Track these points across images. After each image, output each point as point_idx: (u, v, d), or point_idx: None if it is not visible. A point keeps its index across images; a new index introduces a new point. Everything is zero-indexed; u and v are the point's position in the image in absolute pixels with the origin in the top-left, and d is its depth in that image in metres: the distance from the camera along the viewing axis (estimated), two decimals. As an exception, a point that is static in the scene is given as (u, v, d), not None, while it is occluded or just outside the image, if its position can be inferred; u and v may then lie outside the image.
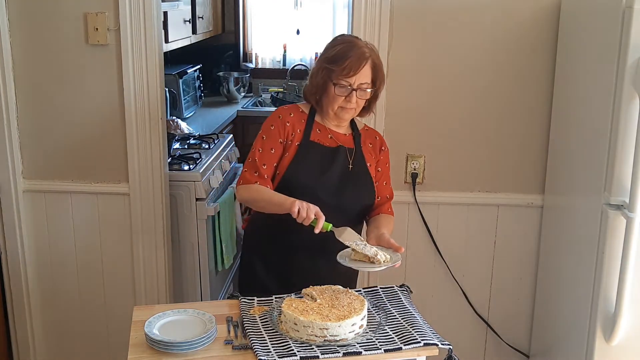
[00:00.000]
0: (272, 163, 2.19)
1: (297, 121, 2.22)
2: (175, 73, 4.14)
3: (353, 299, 1.90)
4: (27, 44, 2.74)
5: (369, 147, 2.30)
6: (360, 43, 2.17)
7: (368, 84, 2.15)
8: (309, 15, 5.29)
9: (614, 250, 2.12)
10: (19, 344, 3.02)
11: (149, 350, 1.77)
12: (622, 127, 2.06)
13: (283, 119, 2.21)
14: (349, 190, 2.19)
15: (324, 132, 2.23)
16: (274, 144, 2.19)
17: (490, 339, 3.00)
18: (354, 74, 2.11)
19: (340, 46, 2.16)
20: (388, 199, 2.32)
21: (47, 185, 2.87)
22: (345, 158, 2.22)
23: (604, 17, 2.22)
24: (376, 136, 2.35)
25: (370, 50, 2.16)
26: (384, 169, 2.33)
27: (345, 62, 2.11)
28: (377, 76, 2.17)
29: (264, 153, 2.19)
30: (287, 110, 2.26)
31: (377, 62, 2.17)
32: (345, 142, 2.25)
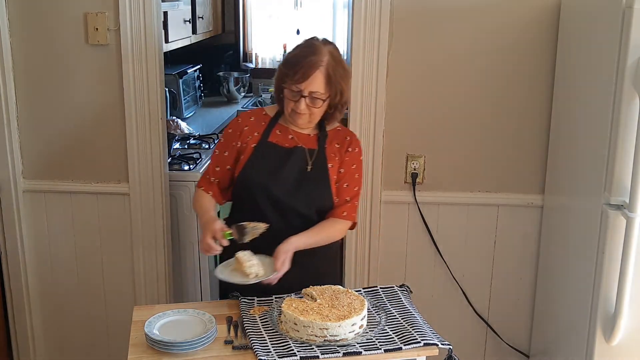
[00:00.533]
0: (225, 165, 2.22)
1: (256, 124, 2.23)
2: (175, 73, 4.13)
3: (353, 299, 1.90)
4: (27, 44, 2.74)
5: (335, 147, 2.23)
6: (322, 50, 2.10)
7: (321, 93, 2.09)
8: (309, 15, 5.29)
9: (614, 250, 2.12)
10: (19, 344, 3.02)
11: (149, 350, 1.77)
12: (622, 127, 2.06)
13: (241, 122, 2.24)
14: (304, 191, 2.16)
15: (285, 132, 2.22)
16: (227, 147, 2.23)
17: (490, 339, 3.00)
18: (303, 81, 2.07)
19: (299, 50, 2.14)
20: (347, 201, 2.22)
21: (47, 185, 2.87)
22: (304, 159, 2.18)
23: (604, 17, 2.22)
24: (347, 137, 2.27)
25: (329, 59, 2.09)
26: (348, 170, 2.23)
27: (296, 67, 2.08)
28: (331, 86, 2.10)
29: (219, 156, 2.24)
30: (249, 114, 2.29)
31: (333, 71, 2.09)
32: (308, 143, 2.21)
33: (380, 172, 2.81)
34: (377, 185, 2.82)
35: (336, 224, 2.21)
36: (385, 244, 2.89)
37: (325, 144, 2.22)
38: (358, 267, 2.91)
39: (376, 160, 2.79)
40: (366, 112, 2.75)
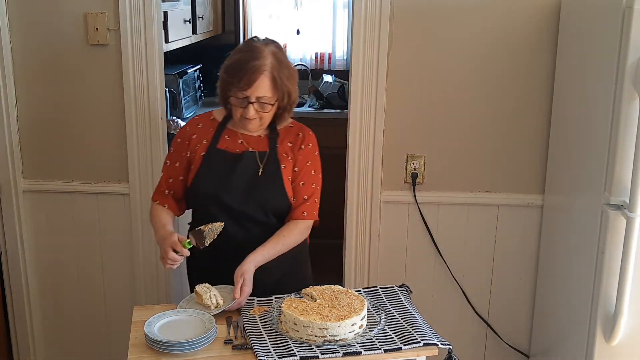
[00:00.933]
0: (178, 176, 2.19)
1: (204, 131, 2.18)
2: (175, 73, 4.13)
3: (353, 299, 1.90)
4: (27, 44, 2.74)
5: (287, 146, 2.18)
6: (264, 52, 2.03)
7: (268, 97, 2.05)
8: (309, 15, 5.29)
9: (614, 250, 2.12)
10: (19, 344, 3.02)
11: (149, 350, 1.77)
12: (622, 127, 2.06)
13: (189, 130, 2.20)
14: (256, 197, 2.11)
15: (234, 137, 2.17)
16: (178, 158, 2.20)
17: (490, 339, 2.99)
18: (248, 88, 2.01)
19: (240, 55, 2.06)
20: (305, 200, 2.18)
21: (47, 185, 2.87)
22: (254, 163, 2.13)
23: (604, 17, 2.22)
24: (299, 133, 2.22)
25: (272, 61, 2.03)
26: (302, 168, 2.18)
27: (240, 74, 2.01)
28: (277, 88, 2.06)
29: (170, 167, 2.21)
30: (196, 121, 2.23)
31: (278, 74, 2.04)
32: (258, 146, 2.16)
33: (380, 172, 2.81)
34: (377, 185, 2.82)
35: (296, 226, 2.17)
36: (385, 244, 2.89)
37: (277, 144, 2.17)
38: (358, 267, 2.91)
39: (376, 160, 2.80)
40: (366, 112, 2.75)
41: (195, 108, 4.53)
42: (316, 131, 2.63)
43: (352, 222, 2.87)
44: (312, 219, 2.21)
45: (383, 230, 2.88)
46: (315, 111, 4.66)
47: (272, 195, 2.14)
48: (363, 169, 2.80)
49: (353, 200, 2.85)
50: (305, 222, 2.19)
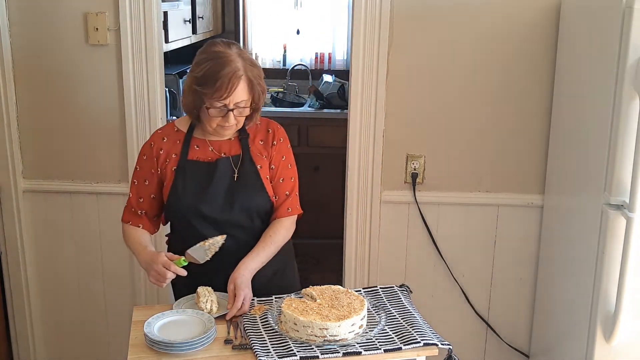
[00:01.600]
0: (149, 194, 2.11)
1: (171, 145, 2.09)
2: (175, 73, 4.13)
3: (353, 299, 1.90)
4: (27, 44, 2.74)
5: (259, 145, 2.13)
6: (232, 56, 1.95)
7: (246, 101, 1.99)
8: (309, 15, 5.28)
9: (614, 250, 2.12)
10: (19, 344, 3.02)
11: (149, 350, 1.77)
12: (622, 127, 2.06)
13: (155, 146, 2.10)
14: (238, 202, 2.06)
15: (203, 146, 2.09)
16: (147, 175, 2.10)
17: (490, 339, 3.00)
18: (227, 96, 1.94)
19: (208, 64, 1.94)
20: (287, 196, 2.14)
21: (47, 185, 2.88)
22: (230, 169, 2.07)
23: (604, 17, 2.22)
24: (269, 129, 2.15)
25: (243, 64, 1.96)
26: (279, 165, 2.13)
27: (216, 83, 1.92)
28: (254, 90, 2.00)
29: (139, 186, 2.12)
30: (161, 134, 2.13)
31: (252, 75, 1.98)
32: (231, 149, 2.10)
33: (380, 172, 2.81)
34: (377, 185, 2.82)
35: (282, 224, 2.13)
36: (385, 244, 2.89)
37: (249, 144, 2.12)
38: (358, 267, 2.91)
39: (376, 160, 2.80)
40: (366, 112, 2.75)
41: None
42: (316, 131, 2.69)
43: (352, 222, 2.87)
44: (297, 213, 2.18)
45: (383, 230, 2.88)
46: (315, 111, 4.66)
47: (255, 197, 2.09)
48: (363, 169, 2.80)
49: (353, 200, 2.85)
50: (290, 218, 2.16)
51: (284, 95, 5.17)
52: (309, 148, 4.49)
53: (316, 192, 4.00)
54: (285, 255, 2.25)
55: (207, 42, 2.06)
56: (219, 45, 2.00)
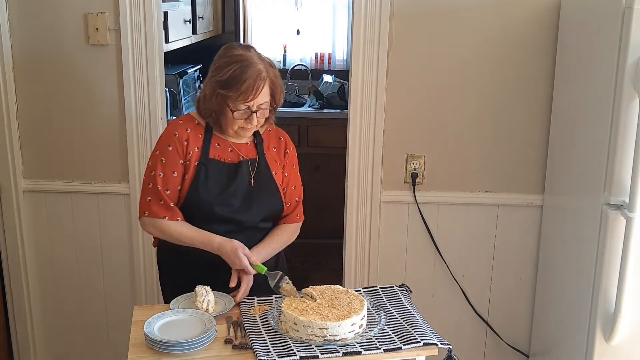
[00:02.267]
0: (176, 187, 2.07)
1: (194, 138, 2.09)
2: (175, 73, 4.13)
3: (353, 298, 1.90)
4: (27, 44, 2.74)
5: (273, 152, 2.19)
6: (254, 59, 2.01)
7: (268, 102, 2.05)
8: (309, 15, 5.29)
9: (614, 250, 2.12)
10: (19, 344, 3.02)
11: (149, 350, 1.77)
12: (622, 127, 2.06)
13: (180, 136, 2.07)
14: (254, 205, 2.10)
15: (224, 145, 2.12)
16: (175, 167, 2.06)
17: (490, 339, 3.00)
18: (253, 98, 1.99)
19: (233, 67, 1.99)
20: (297, 202, 2.23)
21: (47, 185, 2.88)
22: (248, 172, 2.11)
23: (604, 17, 2.22)
24: (280, 137, 2.22)
25: (265, 66, 2.02)
26: (291, 173, 2.22)
27: (242, 86, 1.97)
28: (276, 92, 2.06)
29: (166, 178, 2.06)
30: (183, 125, 2.11)
31: (274, 77, 2.04)
32: (248, 153, 2.14)
33: (380, 172, 2.81)
34: (377, 185, 2.82)
35: (291, 228, 2.23)
36: (385, 244, 2.89)
37: (264, 150, 2.16)
38: (358, 267, 2.91)
39: (376, 160, 2.80)
40: (366, 112, 2.75)
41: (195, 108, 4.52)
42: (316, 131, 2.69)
43: (352, 222, 2.87)
44: (303, 219, 2.27)
45: (383, 230, 2.88)
46: (315, 111, 4.66)
47: (271, 201, 2.15)
48: (363, 169, 2.81)
49: (353, 200, 2.85)
50: (298, 224, 2.26)
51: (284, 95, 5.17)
52: (309, 148, 4.49)
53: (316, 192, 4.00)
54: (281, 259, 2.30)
55: (224, 46, 2.09)
56: (238, 49, 2.05)
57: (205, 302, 1.95)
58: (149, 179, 2.08)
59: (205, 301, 1.95)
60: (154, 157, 2.10)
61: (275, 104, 2.10)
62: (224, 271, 2.05)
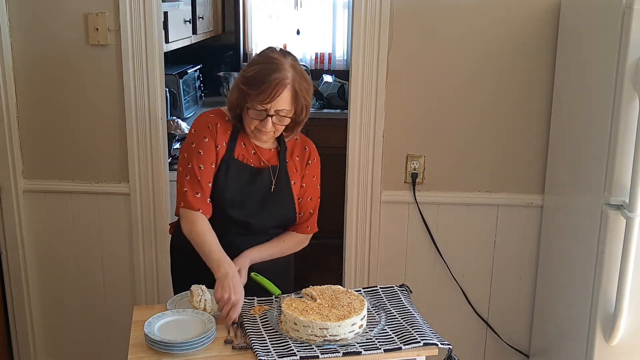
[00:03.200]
0: (212, 180, 2.07)
1: (222, 132, 2.09)
2: (175, 73, 4.14)
3: (353, 298, 1.90)
4: (27, 44, 2.74)
5: (296, 160, 2.18)
6: (284, 65, 1.99)
7: (287, 110, 2.01)
8: (309, 15, 5.29)
9: (614, 250, 2.12)
10: (19, 344, 3.02)
11: (149, 350, 1.77)
12: (622, 127, 2.06)
13: (213, 129, 2.07)
14: (268, 211, 2.12)
15: (248, 146, 2.12)
16: (212, 158, 2.06)
17: (490, 339, 3.00)
18: (270, 101, 1.97)
19: (260, 67, 1.99)
20: (311, 214, 2.22)
21: (47, 185, 2.87)
22: (269, 179, 2.12)
23: (604, 17, 2.22)
24: (306, 147, 2.22)
25: (293, 74, 1.99)
26: (310, 184, 2.21)
27: (262, 87, 1.96)
28: (297, 102, 2.03)
29: (206, 171, 2.04)
30: (214, 119, 2.10)
31: (299, 87, 2.00)
32: (270, 159, 2.14)
33: (380, 172, 2.81)
34: (377, 185, 2.82)
35: (298, 237, 2.23)
36: (385, 244, 2.89)
37: (286, 158, 2.16)
38: (358, 267, 2.91)
39: (376, 160, 2.80)
40: (366, 112, 2.75)
41: (195, 108, 4.53)
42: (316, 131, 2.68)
43: (352, 222, 2.87)
44: (314, 232, 2.26)
45: (383, 230, 2.88)
46: (315, 111, 4.66)
47: (284, 210, 2.16)
48: (363, 169, 2.81)
49: (353, 200, 2.85)
50: (306, 235, 2.26)
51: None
52: (309, 148, 4.48)
53: (316, 192, 4.00)
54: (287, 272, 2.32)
55: (267, 47, 2.10)
56: (275, 52, 2.05)
57: (202, 301, 1.95)
58: (187, 170, 2.05)
59: (202, 300, 1.95)
60: (190, 150, 2.06)
61: (296, 115, 2.07)
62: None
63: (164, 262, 2.90)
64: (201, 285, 2.00)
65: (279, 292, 2.03)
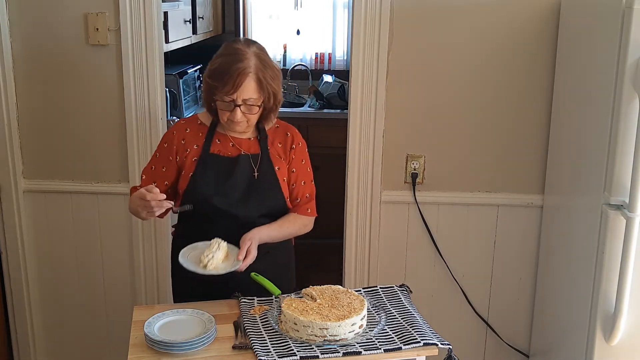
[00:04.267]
0: (163, 180, 2.14)
1: (193, 136, 2.14)
2: (175, 73, 4.13)
3: (353, 298, 1.90)
4: (27, 44, 2.74)
5: (278, 147, 2.19)
6: (247, 54, 2.01)
7: (254, 99, 2.03)
8: (309, 15, 5.29)
9: (614, 250, 2.12)
10: (19, 344, 3.02)
11: (149, 350, 1.77)
12: (622, 127, 2.06)
13: (177, 135, 2.15)
14: (252, 199, 2.11)
15: (225, 141, 2.15)
16: (165, 163, 2.15)
17: (490, 339, 3.00)
18: (234, 92, 1.99)
19: (222, 59, 2.03)
20: (309, 198, 2.23)
21: (47, 185, 2.88)
22: (249, 166, 2.12)
23: (604, 17, 2.22)
24: (287, 132, 2.22)
25: (256, 63, 2.01)
26: (299, 168, 2.21)
27: (224, 78, 1.99)
28: (263, 90, 2.04)
29: (155, 171, 2.16)
30: (184, 125, 2.18)
31: (263, 75, 2.02)
32: (250, 148, 2.15)
33: (380, 172, 2.81)
34: (377, 185, 2.82)
35: (300, 219, 2.22)
36: (385, 244, 2.89)
37: (267, 145, 2.17)
38: (358, 267, 2.91)
39: (376, 160, 2.80)
40: (366, 112, 2.75)
41: (195, 108, 4.53)
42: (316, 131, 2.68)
43: (352, 222, 2.87)
44: (314, 216, 2.26)
45: (383, 230, 2.88)
46: (315, 111, 4.66)
47: (270, 197, 2.15)
48: (363, 169, 2.81)
49: (353, 200, 2.85)
50: (309, 219, 2.24)
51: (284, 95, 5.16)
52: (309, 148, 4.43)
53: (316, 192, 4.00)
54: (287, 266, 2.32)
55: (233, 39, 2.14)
56: (238, 43, 2.08)
57: (207, 258, 1.95)
58: (144, 170, 2.20)
59: (208, 257, 1.95)
60: (154, 153, 2.21)
61: (264, 103, 2.08)
62: None
63: (164, 262, 2.90)
64: (223, 242, 2.00)
65: (279, 292, 2.02)
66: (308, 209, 2.23)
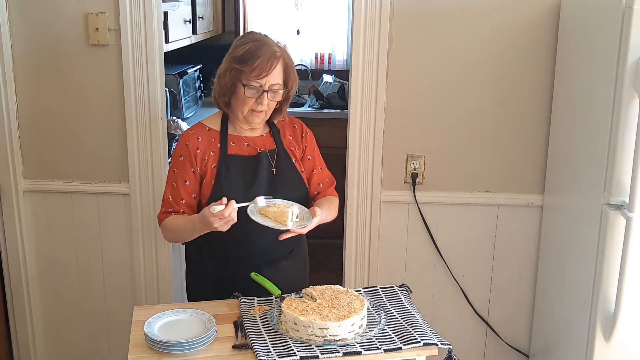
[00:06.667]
0: (190, 194, 2.12)
1: (207, 143, 2.13)
2: (175, 73, 4.13)
3: (353, 298, 1.90)
4: (27, 44, 2.74)
5: (290, 139, 2.23)
6: (271, 42, 2.09)
7: (280, 85, 2.08)
8: (309, 15, 5.29)
9: (614, 250, 2.12)
10: (19, 344, 3.02)
11: (149, 350, 1.77)
12: (622, 127, 2.06)
13: (191, 146, 2.12)
14: (279, 195, 2.10)
15: (239, 142, 2.16)
16: (186, 176, 2.11)
17: (490, 339, 3.00)
18: (266, 75, 2.03)
19: (250, 45, 2.06)
20: (329, 183, 2.27)
21: (47, 185, 2.88)
22: (269, 162, 2.14)
23: (604, 17, 2.22)
24: (294, 124, 2.28)
25: (282, 50, 2.09)
26: (314, 155, 2.26)
27: (256, 62, 2.02)
28: (288, 77, 2.10)
29: (179, 188, 2.12)
30: (194, 134, 2.15)
31: (289, 62, 2.10)
32: (265, 145, 2.17)
33: (380, 172, 2.81)
34: (377, 185, 2.82)
35: (334, 200, 2.26)
36: (385, 244, 2.89)
37: (281, 139, 2.20)
38: (358, 267, 2.91)
39: (376, 160, 2.80)
40: (366, 112, 2.75)
41: (195, 108, 4.53)
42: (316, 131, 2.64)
43: (352, 222, 2.87)
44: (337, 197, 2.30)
45: (383, 230, 2.88)
46: (315, 111, 4.67)
47: (294, 190, 2.17)
48: (363, 169, 2.81)
49: (353, 200, 2.85)
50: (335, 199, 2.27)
51: (284, 95, 5.16)
52: (309, 148, 4.48)
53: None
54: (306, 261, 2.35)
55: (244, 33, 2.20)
56: (256, 33, 2.14)
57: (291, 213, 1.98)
58: (165, 190, 2.16)
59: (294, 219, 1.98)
60: (170, 170, 2.17)
61: (288, 88, 2.13)
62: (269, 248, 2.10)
63: (164, 262, 2.91)
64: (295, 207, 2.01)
65: (279, 292, 2.03)
66: (333, 192, 2.28)
